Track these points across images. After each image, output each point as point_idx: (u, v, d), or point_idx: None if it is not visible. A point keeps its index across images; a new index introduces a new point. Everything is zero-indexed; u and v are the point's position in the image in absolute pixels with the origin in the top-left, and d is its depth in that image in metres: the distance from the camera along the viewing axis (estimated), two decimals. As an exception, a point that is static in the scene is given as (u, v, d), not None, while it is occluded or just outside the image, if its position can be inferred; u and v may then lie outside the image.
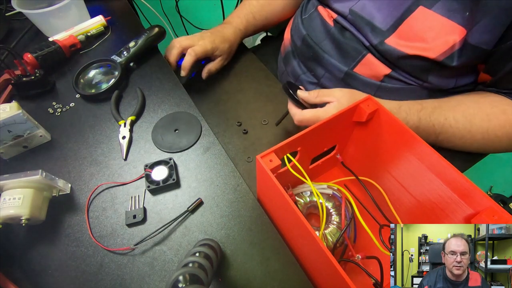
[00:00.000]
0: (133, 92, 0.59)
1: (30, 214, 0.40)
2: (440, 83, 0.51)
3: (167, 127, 0.54)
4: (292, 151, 0.40)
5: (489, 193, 1.20)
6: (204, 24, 1.59)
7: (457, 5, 0.44)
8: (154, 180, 0.46)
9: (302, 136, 0.38)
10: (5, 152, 0.49)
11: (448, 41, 0.45)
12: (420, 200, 0.42)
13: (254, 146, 0.59)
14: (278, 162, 0.36)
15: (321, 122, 0.39)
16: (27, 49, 0.57)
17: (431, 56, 0.46)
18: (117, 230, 0.43)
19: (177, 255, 0.41)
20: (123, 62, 0.60)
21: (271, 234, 0.43)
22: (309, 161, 0.48)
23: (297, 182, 0.47)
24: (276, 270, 0.40)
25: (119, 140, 0.52)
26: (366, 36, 0.52)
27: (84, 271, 0.41)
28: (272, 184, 0.34)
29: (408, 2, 0.48)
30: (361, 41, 0.54)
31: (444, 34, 0.45)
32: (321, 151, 0.47)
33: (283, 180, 0.37)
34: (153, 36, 0.64)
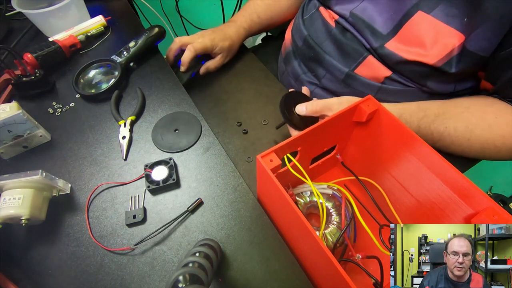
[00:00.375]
0: (133, 92, 0.59)
1: (30, 214, 0.40)
2: (439, 88, 0.51)
3: (167, 127, 0.54)
4: (292, 151, 0.40)
5: (489, 193, 1.20)
6: (204, 24, 1.59)
7: (456, 11, 0.44)
8: (154, 180, 0.46)
9: (302, 136, 0.38)
10: (5, 152, 0.49)
11: (446, 46, 0.45)
12: (420, 200, 0.42)
13: (254, 146, 0.59)
14: (278, 162, 0.36)
15: (321, 122, 0.39)
16: (27, 49, 0.57)
17: (429, 62, 0.46)
18: (117, 230, 0.43)
19: (177, 255, 0.41)
20: (123, 62, 0.60)
21: (271, 234, 0.43)
22: (309, 161, 0.48)
23: (297, 182, 0.47)
24: (276, 270, 0.40)
25: (119, 140, 0.52)
26: (366, 39, 0.52)
27: (84, 271, 0.41)
28: (272, 184, 0.34)
29: (407, 6, 0.48)
30: (362, 43, 0.54)
31: (442, 39, 0.45)
32: (321, 151, 0.47)
33: (283, 180, 0.37)
34: (153, 36, 0.64)
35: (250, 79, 0.70)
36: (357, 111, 0.42)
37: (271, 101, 0.65)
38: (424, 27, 0.46)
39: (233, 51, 0.72)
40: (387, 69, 0.53)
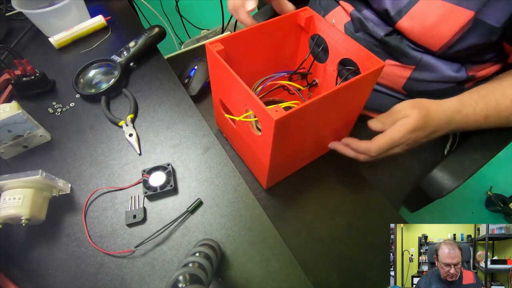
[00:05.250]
0: (120, 95, 0.59)
1: (30, 214, 0.40)
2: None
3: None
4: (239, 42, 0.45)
5: (489, 193, 1.19)
6: (204, 24, 1.60)
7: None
8: (151, 186, 0.46)
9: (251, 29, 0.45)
10: (5, 152, 0.49)
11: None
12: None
13: (254, 146, 0.59)
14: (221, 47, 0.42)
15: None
16: (27, 49, 0.57)
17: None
18: (117, 230, 0.43)
19: (177, 255, 0.41)
20: (123, 62, 0.60)
21: (271, 234, 0.43)
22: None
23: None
24: (276, 270, 0.40)
25: (127, 139, 0.52)
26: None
27: (84, 271, 0.41)
28: (221, 67, 0.39)
29: None
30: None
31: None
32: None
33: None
34: (153, 36, 0.64)
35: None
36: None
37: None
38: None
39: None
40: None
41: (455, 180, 0.50)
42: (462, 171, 0.51)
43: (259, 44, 0.49)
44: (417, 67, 0.51)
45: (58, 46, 0.65)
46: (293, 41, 0.53)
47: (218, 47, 0.42)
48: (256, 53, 0.50)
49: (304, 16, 0.47)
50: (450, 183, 0.50)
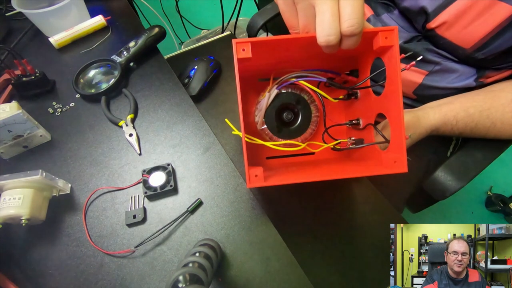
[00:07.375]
0: (121, 96, 0.59)
1: (30, 214, 0.40)
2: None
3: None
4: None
5: (489, 193, 1.20)
6: (204, 24, 1.60)
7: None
8: (151, 186, 0.46)
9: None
10: (5, 152, 0.49)
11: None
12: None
13: (254, 146, 0.59)
14: (249, 55, 0.33)
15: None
16: (27, 49, 0.57)
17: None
18: (117, 230, 0.43)
19: (177, 255, 0.41)
20: (123, 62, 0.60)
21: (271, 234, 0.43)
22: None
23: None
24: (276, 270, 0.40)
25: (127, 139, 0.52)
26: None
27: (84, 271, 0.41)
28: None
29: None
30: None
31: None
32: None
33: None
34: (153, 36, 0.64)
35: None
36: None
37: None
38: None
39: None
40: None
41: (458, 181, 0.50)
42: (466, 171, 0.51)
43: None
44: (430, 73, 0.50)
45: (58, 46, 0.65)
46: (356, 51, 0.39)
47: (246, 54, 0.33)
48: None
49: (383, 43, 0.33)
50: (454, 184, 0.50)
